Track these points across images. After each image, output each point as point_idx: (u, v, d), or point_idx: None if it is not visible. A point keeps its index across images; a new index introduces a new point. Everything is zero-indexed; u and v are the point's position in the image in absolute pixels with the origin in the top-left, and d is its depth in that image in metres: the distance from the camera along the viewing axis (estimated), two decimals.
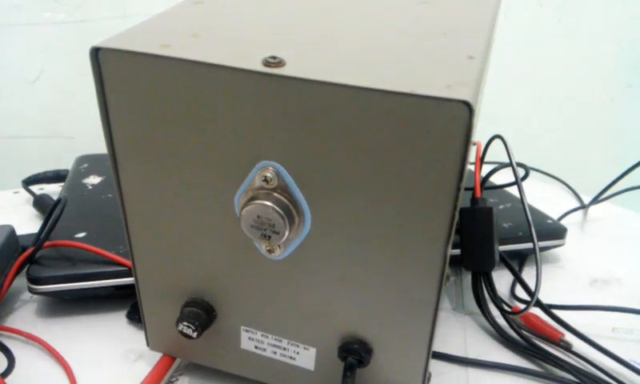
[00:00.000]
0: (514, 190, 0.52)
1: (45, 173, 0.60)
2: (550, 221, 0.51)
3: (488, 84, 0.38)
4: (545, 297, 0.41)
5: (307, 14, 0.31)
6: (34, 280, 0.39)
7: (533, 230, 0.39)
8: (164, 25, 0.27)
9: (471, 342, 0.40)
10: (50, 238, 0.41)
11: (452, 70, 0.24)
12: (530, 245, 0.45)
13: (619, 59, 0.91)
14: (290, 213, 0.26)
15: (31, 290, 0.40)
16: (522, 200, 0.40)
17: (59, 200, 0.43)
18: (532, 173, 0.46)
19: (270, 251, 0.28)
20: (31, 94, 0.72)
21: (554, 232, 0.49)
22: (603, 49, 0.90)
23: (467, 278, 0.46)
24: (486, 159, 0.47)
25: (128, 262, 0.39)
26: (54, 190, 0.59)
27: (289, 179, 0.25)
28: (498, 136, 0.48)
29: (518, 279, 0.42)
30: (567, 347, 0.38)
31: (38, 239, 0.41)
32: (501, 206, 0.52)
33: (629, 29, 0.90)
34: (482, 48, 0.27)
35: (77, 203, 0.50)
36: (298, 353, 0.31)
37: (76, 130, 0.75)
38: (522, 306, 0.39)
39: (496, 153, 0.51)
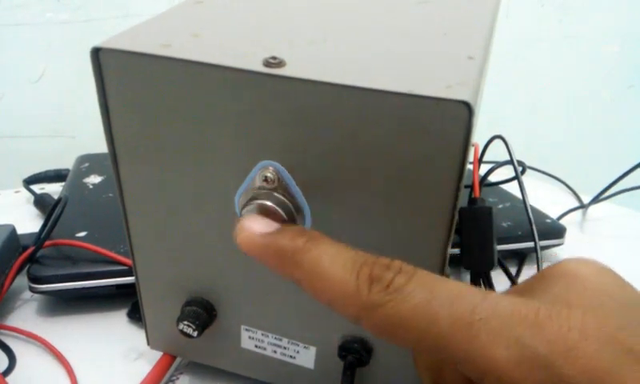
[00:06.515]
0: (513, 190, 0.52)
1: (46, 172, 0.60)
2: (549, 220, 0.51)
3: (488, 84, 0.38)
4: None
5: (307, 14, 0.31)
6: (34, 279, 0.39)
7: (534, 227, 0.39)
8: (164, 25, 0.27)
9: None
10: (51, 237, 0.41)
11: (452, 70, 0.24)
12: (529, 244, 0.45)
13: (620, 59, 0.92)
14: (291, 213, 0.26)
15: (32, 289, 0.40)
16: (522, 196, 0.40)
17: (60, 199, 0.43)
18: (532, 172, 0.46)
19: None
20: (33, 94, 0.72)
21: (553, 231, 0.49)
22: (604, 49, 0.90)
23: (466, 278, 0.46)
24: (485, 160, 0.47)
25: (128, 261, 0.39)
26: (54, 189, 0.59)
27: (289, 179, 0.25)
28: (498, 136, 0.48)
29: (514, 284, 0.41)
30: None
31: (39, 238, 0.41)
32: (500, 206, 0.52)
33: (630, 29, 0.90)
34: (482, 48, 0.27)
35: (77, 202, 0.50)
36: (298, 352, 0.31)
37: (77, 130, 0.75)
38: None
39: (494, 154, 0.51)
